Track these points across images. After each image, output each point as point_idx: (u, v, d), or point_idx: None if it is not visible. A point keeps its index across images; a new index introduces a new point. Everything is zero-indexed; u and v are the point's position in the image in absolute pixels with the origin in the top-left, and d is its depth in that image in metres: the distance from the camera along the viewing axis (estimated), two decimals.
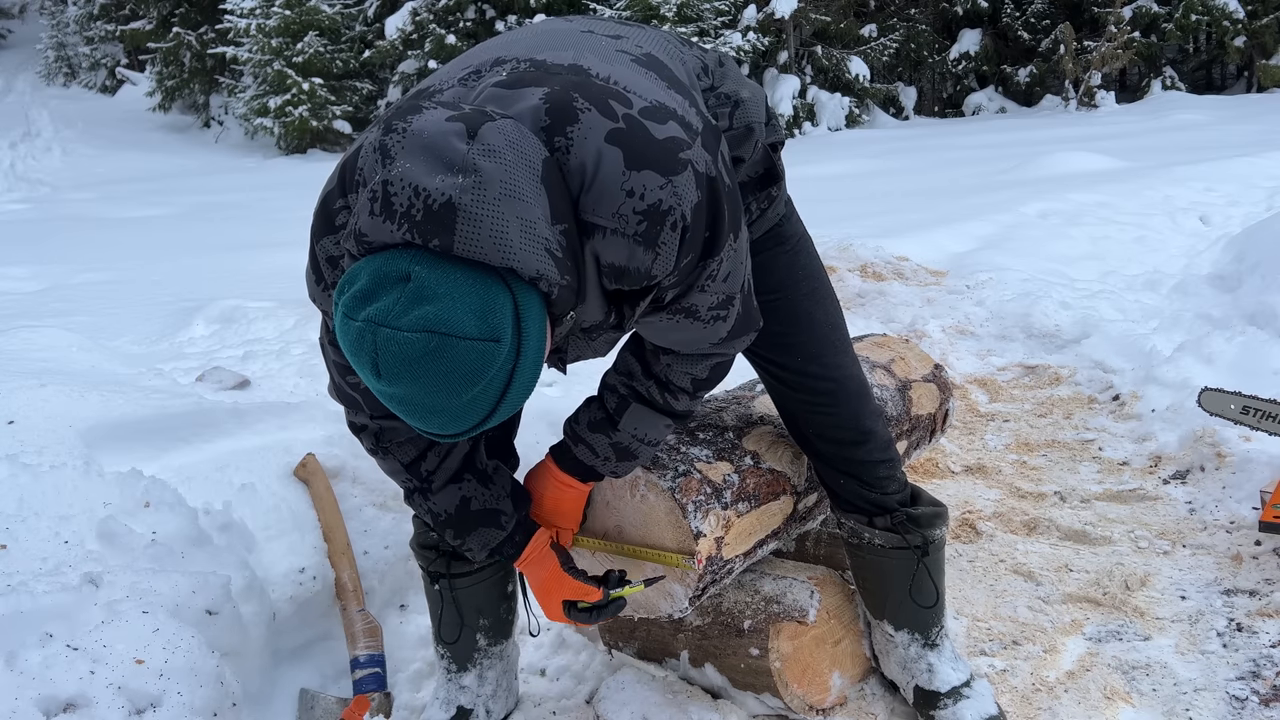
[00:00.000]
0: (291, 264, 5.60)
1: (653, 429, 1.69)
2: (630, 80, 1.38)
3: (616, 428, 1.68)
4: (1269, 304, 3.84)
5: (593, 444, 1.71)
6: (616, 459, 1.71)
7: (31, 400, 2.56)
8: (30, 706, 1.62)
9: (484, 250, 1.18)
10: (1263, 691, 2.04)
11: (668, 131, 1.32)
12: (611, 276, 1.36)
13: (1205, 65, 19.62)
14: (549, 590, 1.76)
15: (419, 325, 1.14)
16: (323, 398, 3.07)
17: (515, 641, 2.11)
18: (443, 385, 1.17)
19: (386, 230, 1.19)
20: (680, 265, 1.36)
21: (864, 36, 18.32)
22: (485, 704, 2.03)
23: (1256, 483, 2.72)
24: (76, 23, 22.97)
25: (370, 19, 18.85)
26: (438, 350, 1.15)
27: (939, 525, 1.95)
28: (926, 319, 4.24)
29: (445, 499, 1.70)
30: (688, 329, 1.51)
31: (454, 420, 1.22)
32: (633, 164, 1.28)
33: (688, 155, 1.32)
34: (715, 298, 1.46)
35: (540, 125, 1.28)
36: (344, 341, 1.19)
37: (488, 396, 1.21)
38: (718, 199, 1.37)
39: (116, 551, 2.03)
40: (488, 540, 1.73)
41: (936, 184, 7.98)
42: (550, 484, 1.78)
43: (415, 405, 1.19)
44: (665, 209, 1.29)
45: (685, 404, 1.68)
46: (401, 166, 1.21)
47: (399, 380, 1.17)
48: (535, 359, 1.24)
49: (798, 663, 1.96)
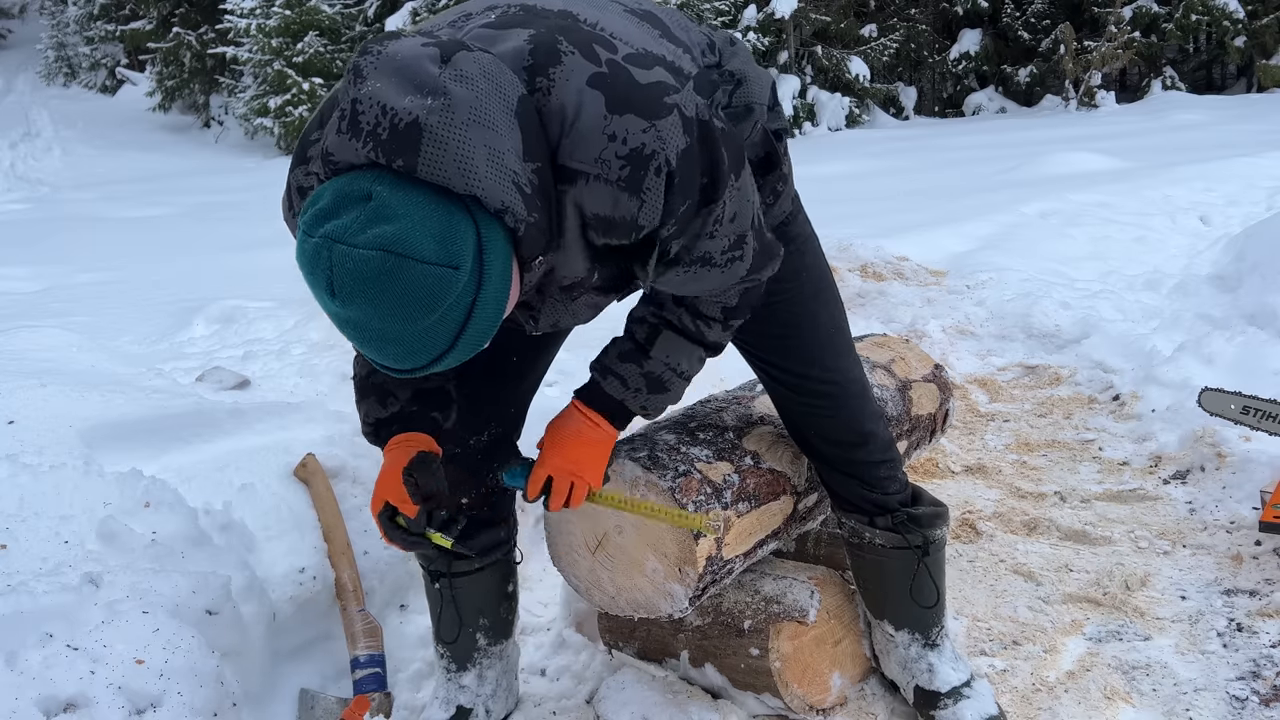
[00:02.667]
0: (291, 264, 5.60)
1: (686, 358, 1.63)
2: (618, 28, 1.37)
3: (648, 355, 1.61)
4: (1269, 304, 3.84)
5: (623, 375, 1.63)
6: (648, 390, 1.64)
7: (31, 400, 2.56)
8: (30, 706, 1.62)
9: (448, 174, 1.16)
10: (1263, 691, 2.04)
11: (652, 77, 1.30)
12: (600, 229, 1.33)
13: (1205, 65, 19.62)
14: (380, 484, 1.65)
15: (375, 243, 1.12)
16: (323, 397, 3.08)
17: (516, 642, 2.11)
18: (397, 309, 1.14)
19: (352, 148, 1.17)
20: (678, 213, 1.33)
21: (864, 36, 18.32)
22: (485, 704, 2.03)
23: (1256, 483, 2.72)
24: (76, 23, 22.96)
25: (370, 19, 18.85)
26: (393, 271, 1.12)
27: (940, 525, 1.95)
28: (926, 319, 4.24)
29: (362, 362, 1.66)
30: (706, 277, 1.48)
31: (408, 352, 1.19)
32: (615, 108, 1.26)
33: (674, 99, 1.29)
34: (726, 240, 1.43)
35: (523, 65, 1.27)
36: (301, 259, 1.17)
37: (444, 329, 1.18)
38: (712, 142, 1.33)
39: (116, 551, 2.03)
40: (370, 411, 1.67)
41: (936, 184, 7.98)
42: (575, 425, 1.67)
43: (369, 331, 1.17)
44: (649, 153, 1.26)
45: (717, 333, 1.62)
46: (371, 86, 1.19)
47: (353, 300, 1.14)
48: (497, 296, 1.21)
49: (798, 663, 1.96)
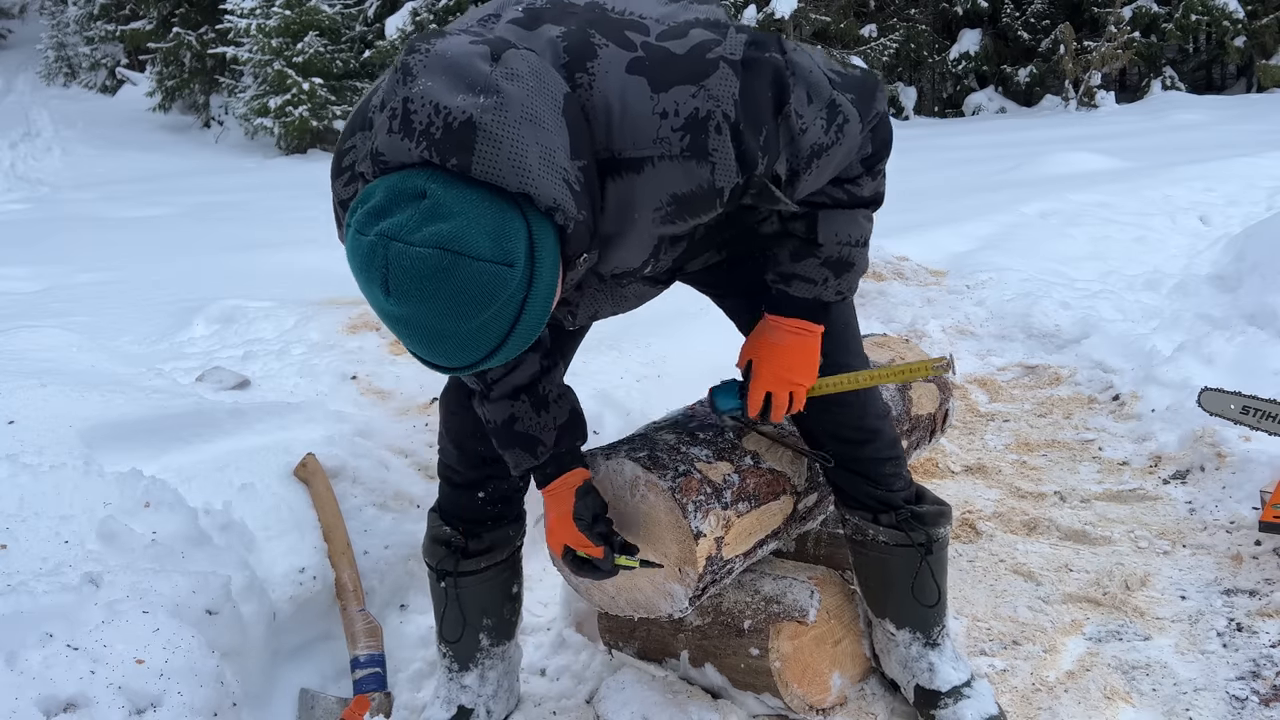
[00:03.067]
0: (292, 264, 5.60)
1: (853, 227, 1.59)
2: (647, 8, 1.36)
3: (818, 244, 1.58)
4: (1269, 304, 3.84)
5: (804, 273, 1.61)
6: (835, 275, 1.61)
7: (31, 400, 2.56)
8: (30, 706, 1.62)
9: (502, 173, 1.16)
10: (1263, 691, 2.04)
11: (690, 41, 1.31)
12: (682, 209, 1.33)
13: (1205, 65, 19.61)
14: (555, 530, 1.76)
15: (432, 241, 1.12)
16: (323, 397, 3.08)
17: (518, 642, 2.11)
18: (452, 307, 1.14)
19: (404, 148, 1.17)
20: (763, 144, 1.33)
21: (864, 36, 18.32)
22: (486, 704, 2.03)
23: (1256, 483, 2.72)
24: (76, 23, 22.97)
25: (370, 19, 18.84)
26: (450, 268, 1.12)
27: (943, 524, 1.95)
28: (926, 319, 4.24)
29: (496, 410, 1.71)
30: (832, 160, 1.46)
31: (459, 349, 1.19)
32: (659, 87, 1.27)
33: (718, 52, 1.30)
34: (821, 118, 1.41)
35: (560, 62, 1.27)
36: (354, 258, 1.17)
37: (496, 326, 1.18)
38: (764, 59, 1.33)
39: (116, 551, 2.02)
40: (520, 461, 1.74)
41: (936, 184, 7.98)
42: (781, 338, 1.67)
43: (422, 328, 1.16)
44: (704, 115, 1.27)
45: (869, 186, 1.57)
46: (423, 84, 1.18)
47: (408, 298, 1.14)
48: (547, 293, 1.21)
49: (798, 663, 1.96)
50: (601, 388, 3.16)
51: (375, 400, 3.14)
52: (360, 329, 3.72)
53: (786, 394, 1.71)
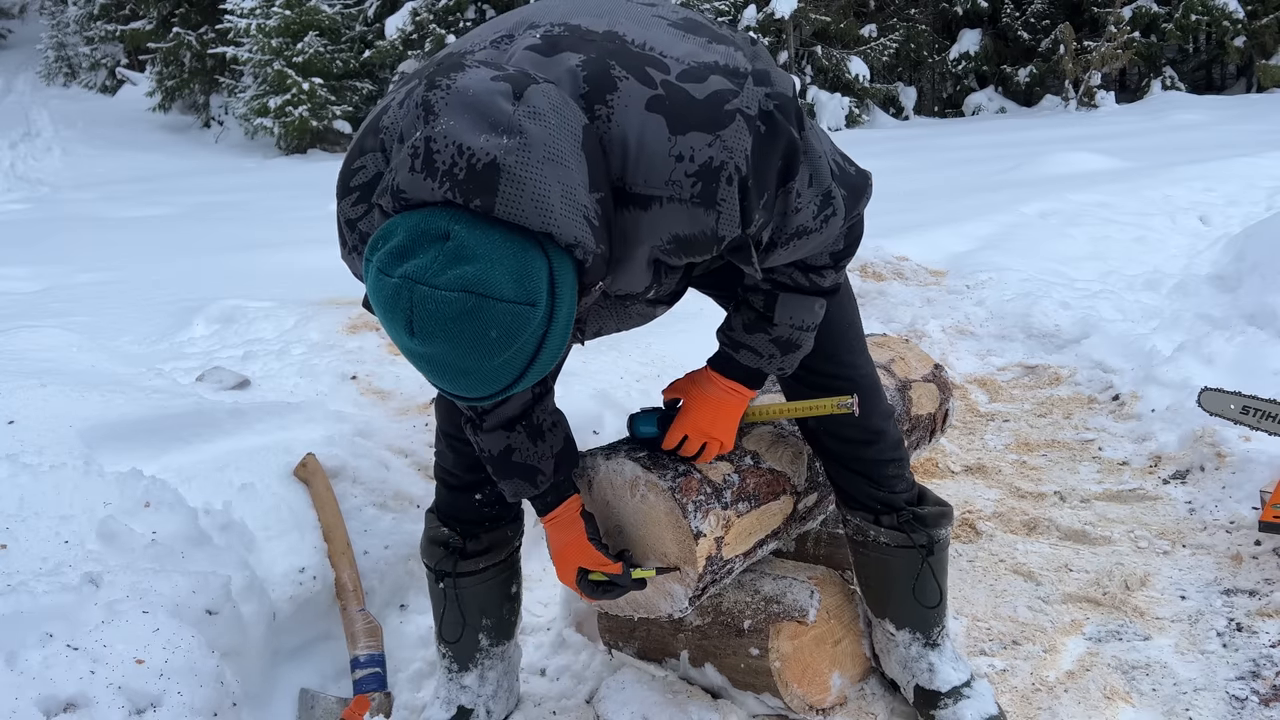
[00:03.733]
0: (291, 264, 5.60)
1: (807, 313, 1.66)
2: (667, 45, 1.36)
3: (773, 323, 1.65)
4: (1269, 304, 3.84)
5: (754, 345, 1.68)
6: (781, 354, 1.69)
7: (31, 400, 2.56)
8: (30, 706, 1.62)
9: (525, 213, 1.17)
10: (1263, 691, 2.04)
11: (709, 88, 1.31)
12: (680, 249, 1.35)
13: (1205, 65, 19.62)
14: (567, 556, 1.77)
15: (457, 284, 1.13)
16: (323, 397, 3.08)
17: (517, 642, 2.11)
18: (476, 347, 1.16)
19: (427, 188, 1.17)
20: (759, 208, 1.36)
21: (864, 36, 18.33)
22: (486, 704, 2.03)
23: (1256, 483, 2.72)
24: (76, 23, 22.98)
25: (370, 19, 18.85)
26: (474, 311, 1.14)
27: (944, 525, 1.95)
28: (926, 319, 4.24)
29: (492, 441, 1.71)
30: (806, 244, 1.50)
31: (481, 383, 1.21)
32: (677, 129, 1.28)
33: (735, 104, 1.31)
34: (814, 205, 1.45)
35: (579, 92, 1.27)
36: (377, 297, 1.18)
37: (518, 361, 1.20)
38: (780, 126, 1.35)
39: (116, 551, 2.02)
40: (519, 490, 1.75)
41: (936, 184, 7.98)
42: (713, 393, 1.75)
43: (445, 366, 1.18)
44: (717, 165, 1.29)
45: (831, 278, 1.64)
46: (445, 124, 1.19)
47: (433, 339, 1.15)
48: (565, 326, 1.23)
49: (798, 663, 1.96)
50: (601, 388, 3.16)
51: (375, 400, 3.14)
52: (360, 329, 3.72)
53: (701, 443, 1.78)
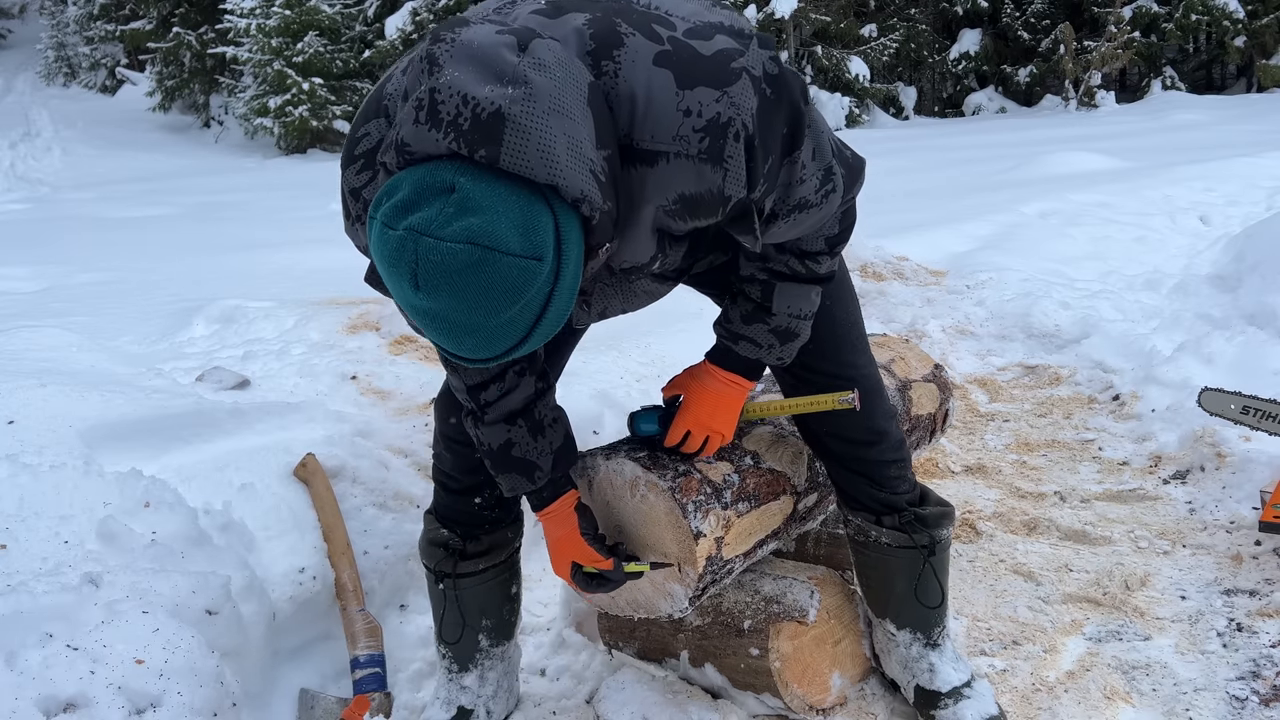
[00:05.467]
0: (291, 264, 5.60)
1: (805, 301, 1.65)
2: (672, 4, 1.37)
3: (771, 312, 1.64)
4: (1269, 304, 3.84)
5: (752, 336, 1.67)
6: (780, 343, 1.68)
7: (31, 400, 2.56)
8: (30, 706, 1.62)
9: (530, 164, 1.16)
10: (1263, 691, 2.04)
11: (715, 45, 1.31)
12: (686, 209, 1.34)
13: (1205, 65, 19.62)
14: (561, 550, 1.77)
15: (463, 236, 1.12)
16: (323, 397, 3.07)
17: (518, 642, 2.11)
18: (482, 301, 1.14)
19: (431, 139, 1.16)
20: (764, 173, 1.35)
21: (864, 36, 18.33)
22: (486, 705, 2.03)
23: (1256, 483, 2.72)
24: (76, 23, 22.98)
25: (370, 19, 18.85)
26: (480, 263, 1.12)
27: (946, 525, 1.95)
28: (926, 319, 4.24)
29: (492, 434, 1.71)
30: (807, 219, 1.50)
31: (486, 342, 1.19)
32: (685, 83, 1.27)
33: (741, 63, 1.31)
34: (816, 178, 1.45)
35: (585, 49, 1.27)
36: (381, 252, 1.16)
37: (523, 319, 1.19)
38: (786, 90, 1.35)
39: (116, 551, 2.02)
40: (516, 485, 1.74)
41: (936, 184, 7.98)
42: (713, 385, 1.75)
43: (450, 323, 1.16)
44: (725, 121, 1.28)
45: (827, 265, 1.63)
46: (450, 75, 1.18)
47: (438, 293, 1.14)
48: (572, 285, 1.22)
49: (798, 663, 1.96)
50: (601, 388, 3.16)
51: (375, 400, 3.14)
52: (360, 329, 3.72)
53: (703, 437, 1.78)
